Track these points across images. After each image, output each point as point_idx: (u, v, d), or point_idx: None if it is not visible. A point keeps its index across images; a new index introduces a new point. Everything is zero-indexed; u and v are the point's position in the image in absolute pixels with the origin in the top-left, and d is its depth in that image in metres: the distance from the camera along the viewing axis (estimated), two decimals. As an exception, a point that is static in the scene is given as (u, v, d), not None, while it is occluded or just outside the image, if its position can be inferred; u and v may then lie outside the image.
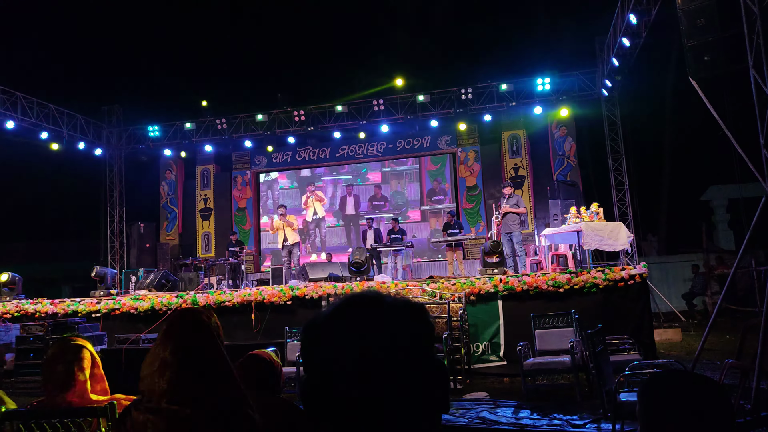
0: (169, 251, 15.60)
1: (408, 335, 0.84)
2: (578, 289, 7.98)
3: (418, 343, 0.84)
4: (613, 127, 13.52)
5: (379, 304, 0.85)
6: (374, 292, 0.88)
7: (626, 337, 7.24)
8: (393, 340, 0.82)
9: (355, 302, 0.86)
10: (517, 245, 10.10)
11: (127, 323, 9.56)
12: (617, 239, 8.65)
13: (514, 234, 10.11)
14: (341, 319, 0.85)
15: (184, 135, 15.70)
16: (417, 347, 0.84)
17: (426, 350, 0.85)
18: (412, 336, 0.84)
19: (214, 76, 17.90)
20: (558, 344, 6.87)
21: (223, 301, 9.19)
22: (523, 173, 14.39)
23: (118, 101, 16.55)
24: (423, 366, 0.83)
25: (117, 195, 16.15)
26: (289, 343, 7.64)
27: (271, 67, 20.82)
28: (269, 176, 16.49)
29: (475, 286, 8.26)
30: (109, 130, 16.13)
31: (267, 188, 16.52)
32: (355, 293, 0.89)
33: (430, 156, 15.40)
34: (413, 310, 0.86)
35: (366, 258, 9.73)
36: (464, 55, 15.46)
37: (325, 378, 0.82)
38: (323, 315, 0.88)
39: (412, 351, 0.83)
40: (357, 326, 0.83)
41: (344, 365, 0.80)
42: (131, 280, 12.57)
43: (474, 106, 14.01)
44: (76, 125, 15.05)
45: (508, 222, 10.14)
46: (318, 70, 19.46)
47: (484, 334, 8.21)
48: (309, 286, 9.07)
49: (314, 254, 15.46)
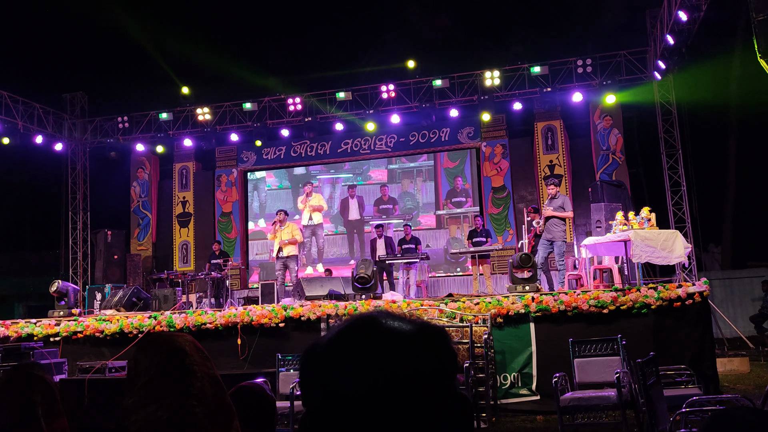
0: (141, 264, 15.68)
1: (426, 365, 0.84)
2: (626, 310, 7.93)
3: (438, 373, 0.84)
4: (668, 117, 13.46)
5: (391, 327, 0.85)
6: (385, 312, 0.88)
7: (683, 368, 7.18)
8: (408, 371, 0.82)
9: (362, 325, 0.86)
10: (559, 256, 10.06)
11: (91, 348, 9.59)
12: (672, 251, 8.59)
13: (557, 243, 9.91)
14: (347, 346, 0.85)
15: (159, 127, 15.80)
16: (436, 379, 0.84)
17: (447, 382, 0.85)
18: (431, 365, 0.84)
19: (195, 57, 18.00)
20: (601, 376, 6.82)
21: (204, 323, 9.20)
22: (559, 172, 14.35)
23: (83, 88, 16.71)
24: (443, 401, 0.83)
25: (80, 197, 16.28)
26: (282, 372, 7.63)
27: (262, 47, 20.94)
28: (255, 174, 16.56)
29: (503, 306, 8.23)
30: (72, 121, 16.28)
31: (253, 188, 16.59)
32: (363, 314, 0.90)
33: (448, 151, 15.41)
34: (432, 334, 0.86)
35: (373, 272, 9.73)
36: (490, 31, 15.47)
37: (327, 415, 0.82)
38: (325, 341, 0.88)
39: (430, 383, 0.83)
40: (366, 354, 0.83)
41: (351, 400, 0.80)
42: (96, 298, 12.62)
43: (501, 93, 14.01)
44: (32, 116, 15.19)
45: (551, 227, 9.94)
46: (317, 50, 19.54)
47: (514, 363, 8.16)
48: (305, 305, 9.07)
49: (309, 267, 15.48)
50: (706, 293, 7.87)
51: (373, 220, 15.51)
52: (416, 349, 0.85)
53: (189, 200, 16.48)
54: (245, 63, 17.06)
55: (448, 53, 15.19)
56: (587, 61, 13.56)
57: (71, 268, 16.02)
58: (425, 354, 0.85)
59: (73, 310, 10.91)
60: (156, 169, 17.01)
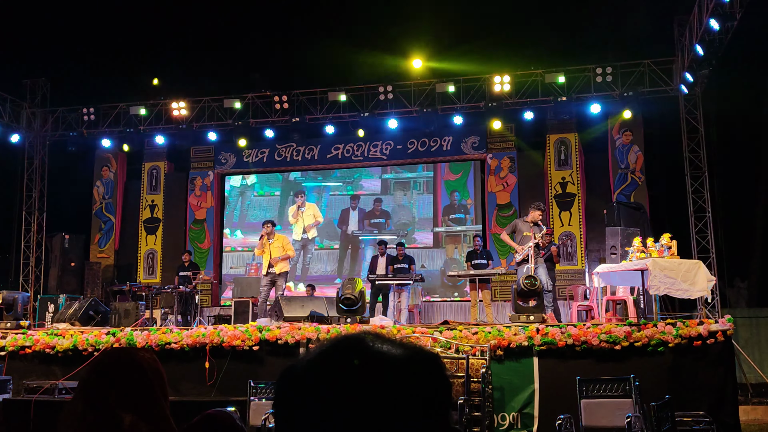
0: (101, 273, 15.61)
1: (417, 394, 0.83)
2: (640, 348, 7.92)
3: (431, 405, 0.83)
4: (694, 135, 13.56)
5: (380, 350, 0.84)
6: (373, 334, 0.87)
7: (702, 414, 7.17)
8: (397, 401, 0.81)
9: (347, 347, 0.85)
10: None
11: (40, 366, 9.50)
12: (694, 283, 8.61)
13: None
14: (329, 370, 0.84)
15: (129, 122, 15.80)
16: (428, 411, 0.83)
17: (440, 416, 0.84)
18: (423, 395, 0.83)
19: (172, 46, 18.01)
20: (611, 419, 6.80)
21: (169, 343, 9.14)
22: (572, 190, 14.41)
23: (46, 74, 16.66)
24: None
25: (36, 196, 16.21)
26: (254, 402, 7.58)
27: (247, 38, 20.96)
28: (245, 180, 16.56)
29: (504, 337, 8.21)
30: (32, 110, 16.26)
31: (238, 195, 16.57)
32: (348, 335, 0.89)
33: (450, 162, 15.46)
34: (425, 361, 0.85)
35: (361, 293, 9.70)
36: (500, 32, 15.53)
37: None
38: (304, 363, 0.87)
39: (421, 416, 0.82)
40: (350, 380, 0.82)
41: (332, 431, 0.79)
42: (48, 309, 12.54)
43: (512, 100, 14.10)
44: (-13, 102, 15.18)
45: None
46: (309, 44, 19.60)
47: (513, 401, 8.13)
48: (283, 327, 9.02)
49: (291, 283, 15.44)
50: (730, 332, 7.88)
51: (363, 236, 15.52)
52: (407, 377, 0.84)
53: (158, 204, 16.44)
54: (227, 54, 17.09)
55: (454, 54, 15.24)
56: (607, 70, 13.67)
57: (22, 274, 15.92)
58: (417, 382, 0.84)
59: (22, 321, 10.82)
60: (123, 167, 16.99)
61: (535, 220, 10.11)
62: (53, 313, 12.08)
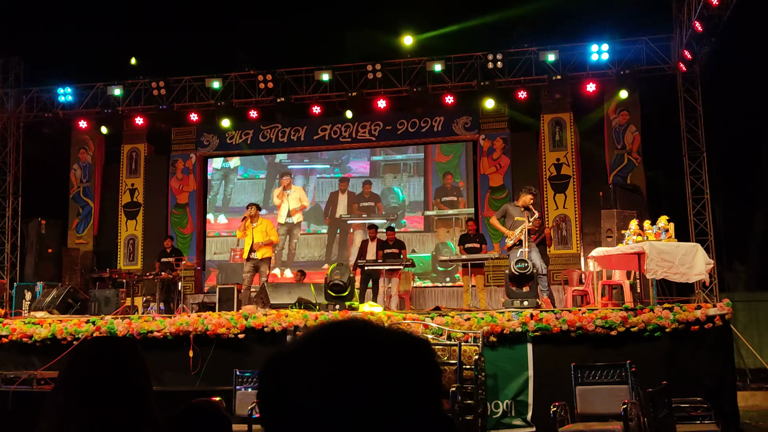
0: (80, 260, 15.54)
1: (406, 381, 0.83)
2: (637, 333, 7.98)
3: (421, 392, 0.84)
4: (692, 115, 13.59)
5: (368, 336, 0.85)
6: (361, 320, 0.88)
7: (699, 401, 7.24)
8: (386, 388, 0.81)
9: (335, 332, 0.85)
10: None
11: (17, 356, 9.49)
12: (692, 267, 8.67)
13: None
14: (315, 356, 0.84)
15: (107, 102, 15.68)
16: (418, 398, 0.83)
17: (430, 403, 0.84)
18: (413, 382, 0.83)
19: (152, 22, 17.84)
20: (607, 406, 6.86)
21: (151, 331, 9.14)
22: (567, 172, 14.44)
23: (20, 52, 16.48)
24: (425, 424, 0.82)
25: (11, 180, 16.09)
26: (240, 391, 7.59)
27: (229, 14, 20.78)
28: (228, 162, 16.50)
29: (497, 323, 8.25)
30: (5, 90, 16.08)
31: (221, 178, 16.52)
32: (334, 321, 0.89)
33: (441, 143, 15.45)
34: (415, 346, 0.86)
35: (350, 278, 9.72)
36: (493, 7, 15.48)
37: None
38: (289, 350, 0.87)
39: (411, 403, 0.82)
40: (337, 367, 0.82)
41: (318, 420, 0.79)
42: (25, 298, 12.50)
43: (504, 79, 14.07)
44: (-42, 82, 15.02)
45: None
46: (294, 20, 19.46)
47: (507, 389, 8.18)
48: (269, 314, 9.04)
49: (277, 269, 15.44)
50: (729, 317, 7.94)
51: (351, 220, 15.52)
52: (395, 363, 0.84)
53: (138, 188, 16.36)
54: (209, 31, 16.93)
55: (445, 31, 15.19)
56: (603, 47, 13.66)
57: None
58: (405, 369, 0.84)
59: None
60: (101, 150, 16.87)
61: (526, 204, 10.13)
62: (30, 302, 12.05)
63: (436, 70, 14.07)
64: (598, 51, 13.65)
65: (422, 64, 14.24)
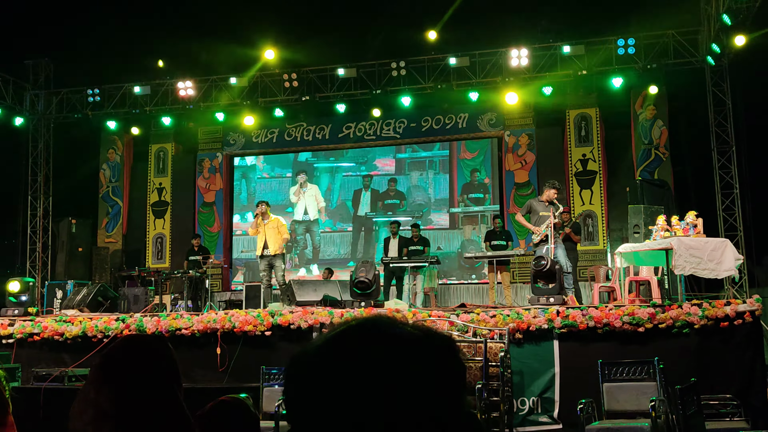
0: (109, 258, 15.72)
1: (431, 378, 0.84)
2: (665, 330, 7.92)
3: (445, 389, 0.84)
4: (721, 109, 13.41)
5: (393, 333, 0.85)
6: (385, 317, 0.88)
7: (729, 398, 7.17)
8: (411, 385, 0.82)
9: (359, 331, 0.86)
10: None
11: (49, 353, 9.62)
12: (721, 262, 8.57)
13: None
14: (341, 354, 0.85)
15: (135, 102, 15.82)
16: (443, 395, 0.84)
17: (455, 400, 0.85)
18: (437, 379, 0.84)
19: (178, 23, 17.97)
20: (634, 404, 6.82)
21: (179, 329, 9.23)
22: (593, 168, 14.33)
23: (49, 54, 16.67)
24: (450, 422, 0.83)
25: (42, 180, 16.31)
26: (267, 388, 7.65)
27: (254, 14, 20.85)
28: (255, 161, 16.59)
29: (523, 319, 8.23)
30: (35, 92, 16.31)
31: (241, 176, 16.61)
32: (359, 318, 0.90)
33: (466, 140, 15.41)
34: (439, 343, 0.86)
35: (375, 276, 9.74)
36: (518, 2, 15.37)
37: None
38: (315, 348, 0.88)
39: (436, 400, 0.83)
40: (362, 364, 0.83)
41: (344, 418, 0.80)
42: (57, 296, 12.66)
43: (529, 75, 13.99)
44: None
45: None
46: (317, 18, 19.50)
47: (533, 386, 8.16)
48: (296, 311, 9.08)
49: (303, 268, 15.51)
50: (759, 313, 7.85)
51: (376, 217, 15.53)
52: (420, 360, 0.85)
53: (166, 187, 16.51)
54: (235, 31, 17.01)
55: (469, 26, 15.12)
56: (629, 41, 13.51)
57: (29, 260, 16.06)
58: (430, 366, 0.85)
59: (30, 308, 10.94)
60: (129, 150, 17.05)
61: (550, 198, 10.07)
62: (61, 300, 12.20)
63: (463, 65, 14.01)
64: (625, 45, 13.51)
65: (446, 61, 14.19)
